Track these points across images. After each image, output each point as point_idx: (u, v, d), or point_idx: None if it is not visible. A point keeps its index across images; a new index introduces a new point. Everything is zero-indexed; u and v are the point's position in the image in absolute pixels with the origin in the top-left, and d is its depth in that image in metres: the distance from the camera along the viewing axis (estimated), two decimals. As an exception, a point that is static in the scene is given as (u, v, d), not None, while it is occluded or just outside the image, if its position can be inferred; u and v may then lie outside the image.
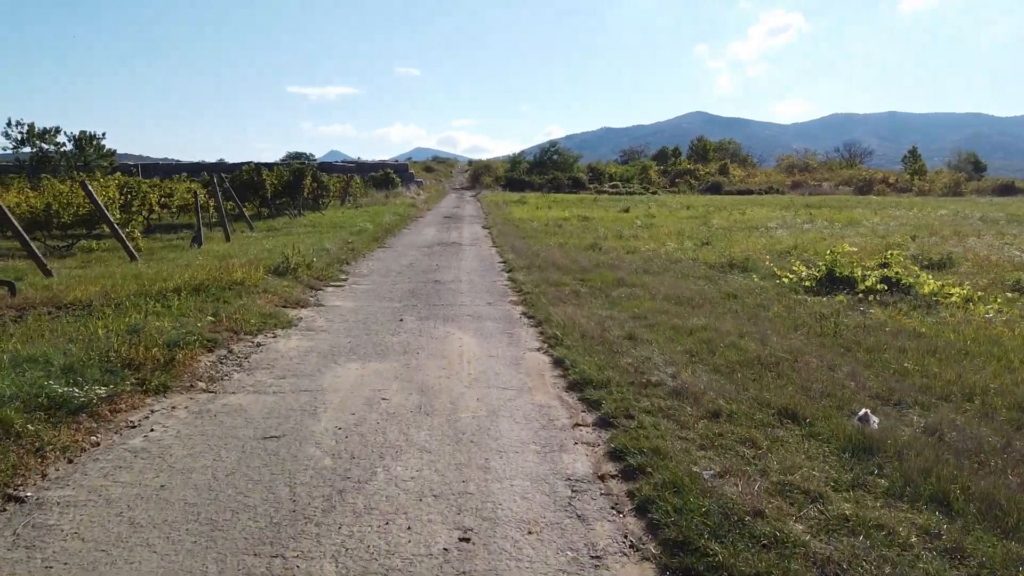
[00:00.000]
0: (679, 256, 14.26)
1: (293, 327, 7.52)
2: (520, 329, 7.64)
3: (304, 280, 10.35)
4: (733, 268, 12.51)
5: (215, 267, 10.11)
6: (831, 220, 23.70)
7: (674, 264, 13.13)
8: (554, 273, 11.62)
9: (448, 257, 14.74)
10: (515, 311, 8.77)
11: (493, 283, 11.09)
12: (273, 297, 8.86)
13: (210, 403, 4.84)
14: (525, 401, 5.05)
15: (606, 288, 10.09)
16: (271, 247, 15.37)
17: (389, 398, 5.02)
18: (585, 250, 15.64)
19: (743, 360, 6.00)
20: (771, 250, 15.12)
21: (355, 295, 9.79)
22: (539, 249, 15.34)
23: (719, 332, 7.06)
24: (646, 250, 15.36)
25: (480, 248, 16.77)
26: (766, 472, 3.72)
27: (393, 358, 6.22)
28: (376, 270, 12.64)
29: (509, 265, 13.06)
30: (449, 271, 12.45)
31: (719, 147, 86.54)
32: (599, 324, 7.46)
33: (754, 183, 64.69)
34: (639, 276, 11.27)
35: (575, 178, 60.93)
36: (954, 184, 59.96)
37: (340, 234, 18.33)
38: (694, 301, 9.07)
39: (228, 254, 14.42)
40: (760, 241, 16.85)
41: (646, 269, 12.35)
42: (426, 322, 7.91)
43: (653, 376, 5.41)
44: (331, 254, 13.77)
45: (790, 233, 18.86)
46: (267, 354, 6.29)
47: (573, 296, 9.47)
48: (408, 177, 51.59)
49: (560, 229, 21.00)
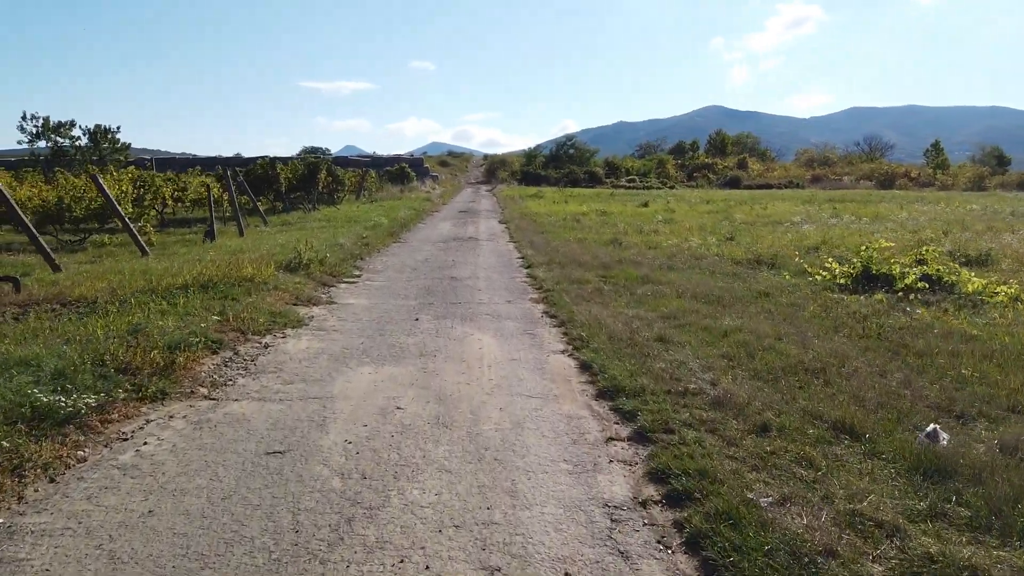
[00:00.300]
0: (703, 252, 13.77)
1: (304, 326, 7.14)
2: (542, 329, 7.22)
3: (317, 276, 9.99)
4: (761, 265, 12.01)
5: (225, 263, 9.77)
6: (857, 215, 23.06)
7: (699, 260, 12.64)
8: (575, 269, 11.19)
9: (465, 253, 14.34)
10: (536, 310, 8.34)
11: (512, 280, 10.68)
12: (284, 294, 8.49)
13: (211, 412, 4.45)
14: (552, 411, 4.62)
15: (630, 285, 9.65)
16: (284, 242, 15.05)
17: (404, 407, 4.62)
18: (605, 245, 15.19)
19: (785, 365, 5.55)
20: (799, 246, 14.59)
21: (369, 292, 9.41)
22: (558, 244, 14.91)
23: (755, 334, 6.60)
24: (668, 246, 14.87)
25: (497, 243, 16.36)
26: (830, 499, 3.28)
27: (409, 361, 5.81)
28: (391, 266, 12.26)
29: (528, 261, 12.64)
30: (466, 267, 12.04)
31: (737, 141, 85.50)
32: (626, 324, 7.02)
33: (773, 177, 63.77)
34: (664, 273, 10.81)
35: (591, 172, 60.34)
36: (978, 178, 58.73)
37: (354, 229, 18.00)
38: (724, 300, 8.60)
39: (240, 249, 14.13)
40: (786, 237, 16.30)
41: (670, 266, 11.88)
42: (443, 321, 7.50)
43: (691, 383, 4.97)
44: (345, 249, 13.42)
45: (816, 228, 18.28)
46: (275, 356, 5.91)
47: (596, 294, 9.03)
48: (423, 171, 51.26)
49: (578, 224, 20.54)
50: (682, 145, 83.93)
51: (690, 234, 17.35)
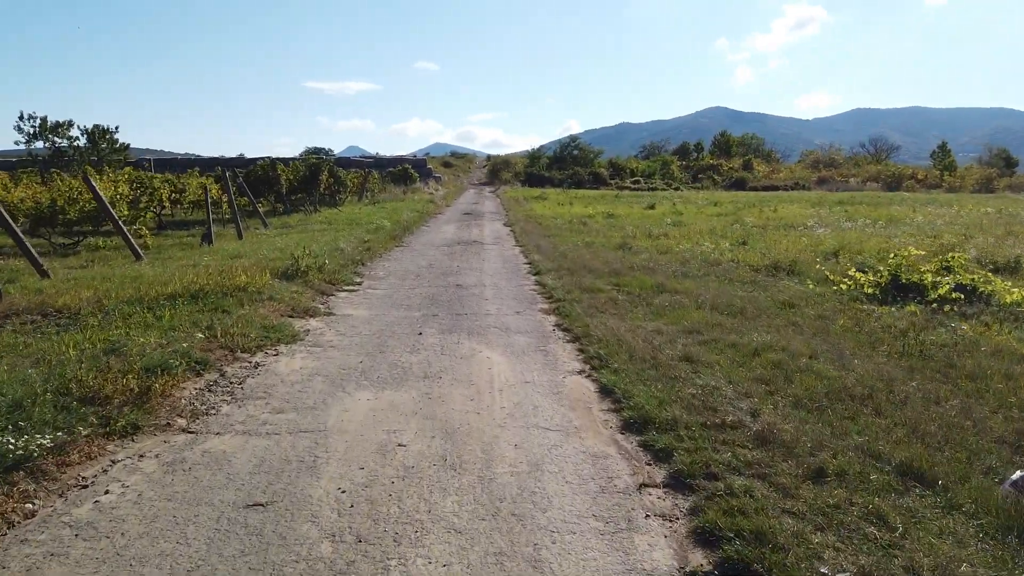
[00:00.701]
0: (716, 257, 13.23)
1: (298, 342, 6.61)
2: (555, 345, 6.68)
3: (315, 284, 9.46)
4: (779, 271, 11.47)
5: (217, 271, 9.26)
6: (870, 218, 22.49)
7: (714, 267, 12.11)
8: (585, 276, 10.66)
9: (469, 257, 13.81)
10: (547, 322, 7.81)
11: (520, 288, 10.15)
12: (279, 305, 7.96)
13: (187, 449, 3.92)
14: (574, 448, 4.08)
15: (646, 295, 9.11)
16: (282, 246, 14.54)
17: (407, 444, 4.08)
18: (615, 250, 14.66)
19: (828, 391, 5.01)
20: (816, 251, 14.05)
21: (370, 302, 8.88)
22: (566, 249, 14.38)
23: (788, 352, 6.06)
24: (680, 250, 14.33)
25: (503, 247, 15.83)
26: (916, 572, 2.74)
27: (411, 384, 5.28)
28: (393, 272, 11.74)
29: (535, 267, 12.11)
30: (471, 274, 11.52)
31: (741, 142, 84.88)
32: (647, 341, 6.49)
33: (779, 179, 63.18)
34: (679, 281, 10.27)
35: (596, 174, 59.78)
36: (986, 180, 58.10)
37: (356, 232, 17.49)
38: (747, 312, 8.07)
39: (237, 253, 13.63)
40: (801, 241, 15.75)
41: (685, 272, 11.34)
42: (448, 336, 6.97)
43: (728, 414, 4.43)
44: (345, 254, 12.90)
45: (832, 232, 17.72)
46: (265, 378, 5.38)
47: (611, 304, 8.49)
48: (426, 172, 50.76)
49: (585, 227, 20.01)
50: (686, 146, 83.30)
51: (701, 238, 16.81)
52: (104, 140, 34.44)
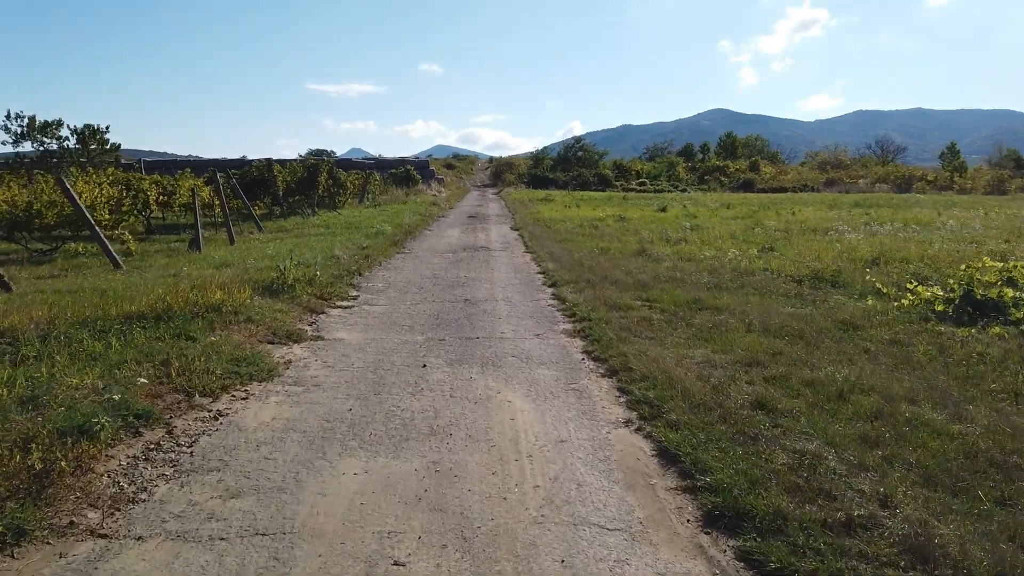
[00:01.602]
0: (747, 266, 12.04)
1: (276, 378, 5.40)
2: (589, 381, 5.49)
3: (303, 301, 8.24)
4: (822, 283, 10.27)
5: (191, 285, 8.05)
6: (896, 221, 21.27)
7: (747, 277, 10.92)
8: (608, 288, 9.47)
9: (477, 266, 12.62)
10: (573, 348, 6.61)
11: (537, 303, 8.95)
12: (257, 328, 6.76)
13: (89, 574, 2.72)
14: (645, 565, 2.88)
15: (683, 312, 7.92)
16: (274, 253, 13.37)
17: (407, 562, 2.82)
18: (633, 257, 13.48)
19: (958, 456, 3.82)
20: (851, 258, 12.87)
21: (366, 322, 7.68)
22: (581, 256, 13.19)
23: (881, 395, 4.87)
24: (706, 258, 13.14)
25: (512, 254, 14.64)
26: None
27: (414, 447, 4.07)
28: (393, 283, 10.55)
29: (551, 277, 10.92)
30: (480, 286, 10.32)
31: (746, 143, 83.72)
32: (701, 377, 5.29)
33: (787, 181, 61.96)
34: (715, 295, 9.09)
35: (601, 175, 58.58)
36: (998, 182, 56.83)
37: (355, 237, 16.31)
38: (806, 335, 6.87)
39: (224, 262, 12.48)
40: (833, 247, 14.55)
41: (718, 284, 10.16)
42: (458, 369, 5.77)
43: (849, 501, 3.22)
44: (341, 263, 11.71)
45: (863, 237, 16.50)
46: (224, 436, 4.17)
47: (645, 325, 7.29)
48: (429, 174, 49.59)
49: (597, 231, 18.83)
50: (690, 148, 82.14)
51: (723, 244, 15.63)
52: (94, 140, 33.09)
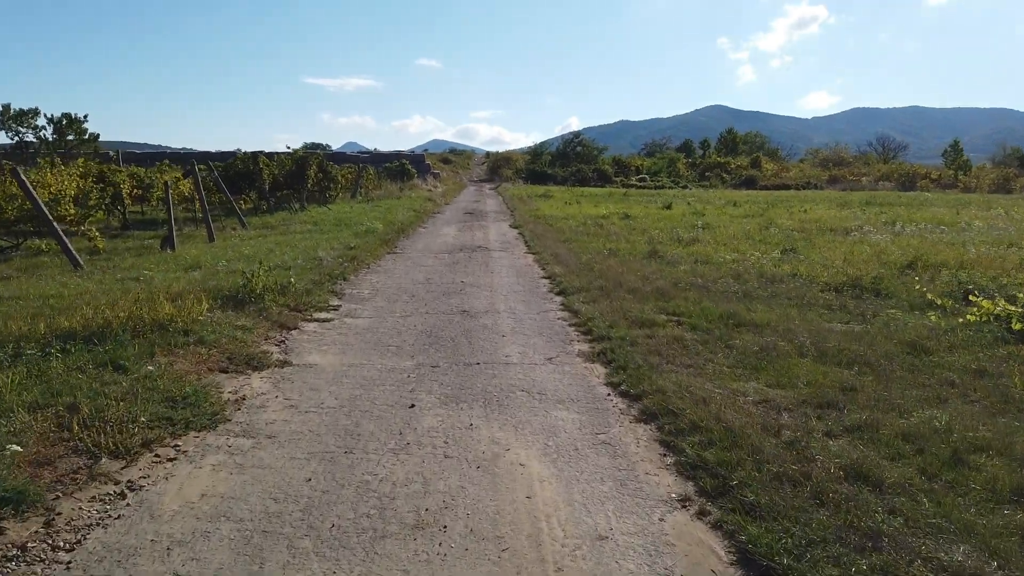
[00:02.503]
0: (772, 270, 10.94)
1: (220, 426, 4.21)
2: (622, 429, 4.34)
3: (273, 314, 7.06)
4: (863, 292, 9.17)
5: (136, 297, 6.87)
6: (916, 221, 20.19)
7: (776, 284, 9.82)
8: (625, 298, 8.35)
9: (475, 269, 11.47)
10: (595, 378, 5.47)
11: (544, 316, 7.81)
12: (209, 352, 5.59)
13: None
14: None
15: (717, 330, 6.79)
16: (251, 253, 12.22)
17: None
18: (645, 260, 12.36)
19: None
20: (885, 262, 11.79)
21: (345, 340, 6.52)
22: (590, 259, 12.05)
23: (1006, 456, 3.75)
24: (724, 261, 12.03)
25: (513, 255, 13.49)
26: None
27: (392, 554, 2.85)
28: (382, 290, 9.39)
29: (558, 283, 9.79)
30: (479, 293, 9.18)
31: (746, 140, 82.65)
32: (766, 426, 4.16)
33: (789, 177, 60.86)
34: (748, 306, 7.98)
35: (600, 171, 57.37)
36: (1003, 180, 55.85)
37: (343, 235, 15.15)
38: (871, 361, 5.76)
39: (196, 263, 11.34)
40: (861, 250, 13.45)
41: (746, 292, 9.05)
42: (455, 411, 4.61)
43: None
44: (324, 266, 10.54)
45: (889, 239, 15.40)
46: (124, 531, 2.96)
47: (677, 347, 6.16)
48: (424, 168, 48.30)
49: (602, 230, 17.68)
50: (689, 144, 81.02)
51: (739, 245, 14.52)
52: (72, 130, 31.59)
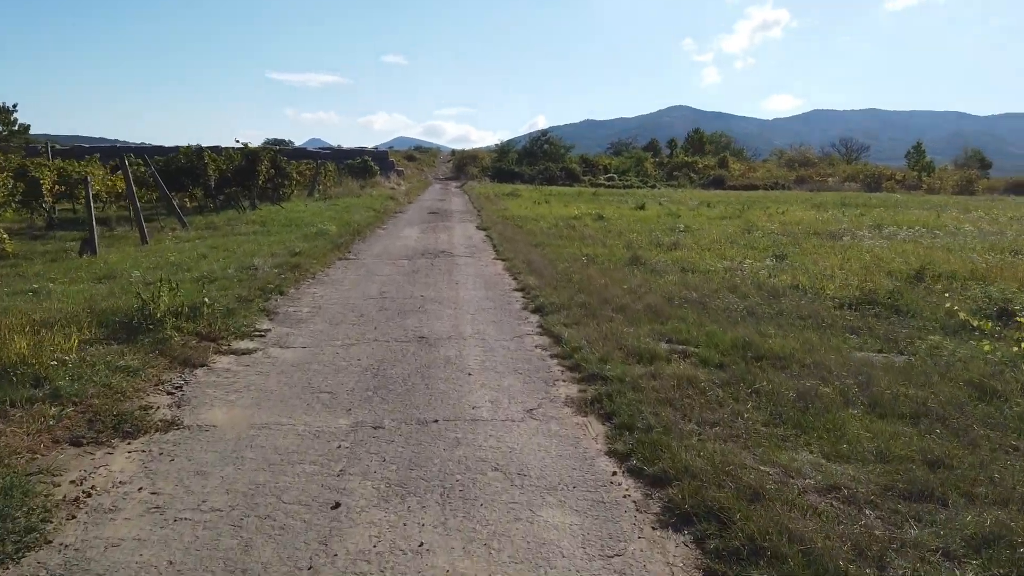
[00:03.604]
0: (771, 282, 9.76)
1: (26, 556, 2.76)
2: (645, 547, 2.96)
3: (175, 346, 5.51)
4: (881, 308, 8.01)
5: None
6: (898, 224, 19.30)
7: (779, 298, 8.64)
8: (614, 319, 7.03)
9: (438, 279, 10.03)
10: (593, 443, 4.10)
11: (520, 343, 6.41)
12: (62, 412, 4.07)
13: None
14: None
15: (733, 364, 5.48)
16: (178, 259, 10.64)
17: None
18: (627, 267, 11.10)
19: None
20: (888, 271, 10.74)
21: (263, 385, 5.02)
22: (567, 267, 10.71)
23: None
24: (713, 269, 10.84)
25: (481, 261, 12.09)
26: None
27: None
28: (325, 307, 7.90)
29: (533, 298, 8.42)
30: (442, 312, 7.75)
31: (712, 140, 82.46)
32: (859, 543, 2.86)
33: (756, 178, 60.53)
34: (760, 328, 6.72)
35: (568, 169, 56.17)
36: (966, 182, 56.31)
37: (290, 238, 13.57)
38: (935, 411, 4.51)
39: (113, 271, 9.76)
40: (859, 257, 12.37)
41: (750, 310, 7.82)
42: (398, 515, 3.12)
43: None
44: (259, 277, 9.00)
45: (883, 244, 14.37)
46: None
47: (692, 393, 4.82)
48: (388, 165, 46.49)
49: (575, 232, 16.37)
50: (655, 143, 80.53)
51: (725, 250, 13.36)
52: (1, 121, 29.04)
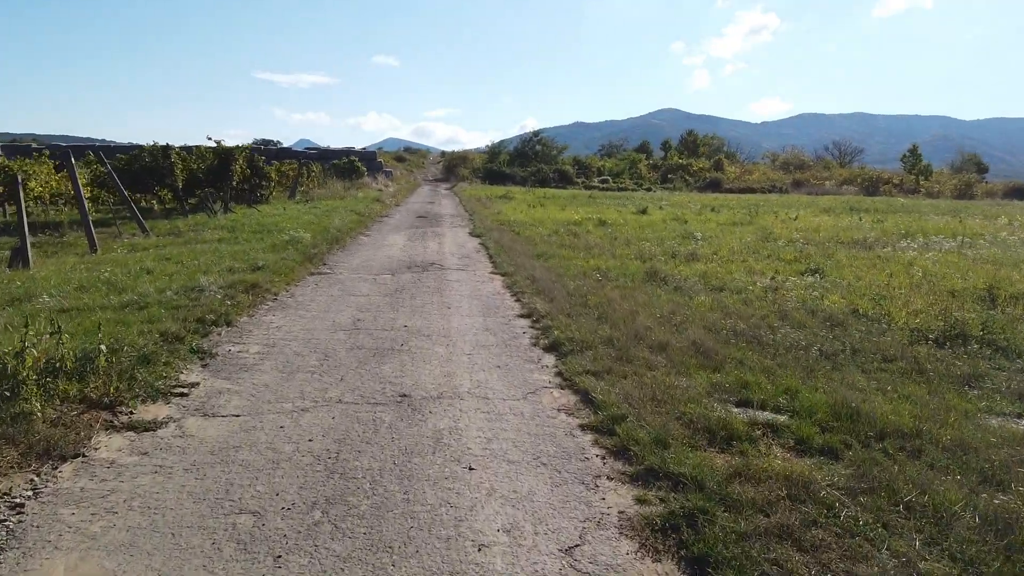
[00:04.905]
0: (823, 305, 8.18)
1: None
2: None
3: (37, 425, 3.77)
4: (976, 344, 6.43)
5: None
6: (928, 233, 17.83)
7: (841, 328, 7.07)
8: (655, 364, 5.39)
9: (426, 302, 8.32)
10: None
11: (537, 408, 4.70)
12: None
13: None
14: None
15: (848, 449, 3.87)
16: (112, 277, 8.91)
17: None
18: (646, 283, 9.50)
19: None
20: (950, 291, 9.21)
21: (155, 498, 3.25)
22: (579, 286, 9.04)
23: None
24: (749, 288, 9.24)
25: (476, 276, 10.40)
26: None
27: None
28: (278, 346, 6.17)
29: (544, 329, 6.76)
30: (430, 352, 6.04)
31: (705, 142, 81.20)
32: None
33: (753, 181, 59.19)
34: (851, 379, 5.11)
35: (562, 171, 54.54)
36: (965, 186, 55.23)
37: (255, 247, 11.82)
38: None
39: (32, 291, 8.03)
40: (905, 271, 10.84)
41: (824, 351, 6.20)
42: None
43: None
44: (200, 303, 7.26)
45: (930, 256, 12.82)
46: None
47: (827, 523, 3.18)
48: (376, 166, 44.68)
49: (579, 240, 14.74)
50: (646, 145, 79.15)
51: (748, 262, 11.79)
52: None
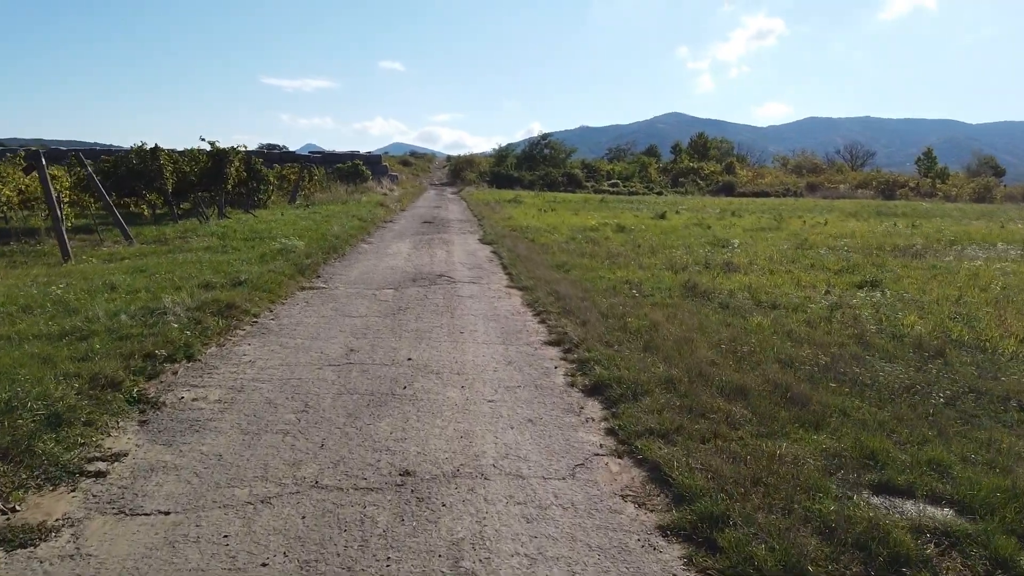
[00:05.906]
0: (906, 329, 6.84)
1: None
2: None
3: None
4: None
5: None
6: (974, 240, 16.49)
7: (938, 359, 5.73)
8: (733, 413, 4.04)
9: (434, 325, 6.96)
10: None
11: (593, 496, 3.33)
12: None
13: None
14: None
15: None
16: (64, 295, 7.58)
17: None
18: (686, 299, 8.17)
19: None
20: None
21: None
22: (613, 304, 7.68)
23: None
24: (808, 306, 7.90)
25: (490, 291, 9.04)
26: None
27: None
28: (246, 390, 4.82)
29: (581, 363, 5.42)
30: (441, 398, 4.67)
31: (714, 146, 79.83)
32: None
33: (766, 184, 57.74)
34: (1008, 444, 3.74)
35: (570, 175, 53.17)
36: (983, 190, 53.79)
37: (242, 258, 10.50)
38: None
39: None
40: (975, 284, 9.53)
41: (950, 400, 4.84)
42: None
43: None
44: (162, 327, 5.94)
45: (1003, 268, 11.47)
46: None
47: None
48: (381, 170, 43.43)
49: (599, 248, 13.40)
50: (654, 149, 77.83)
51: (791, 272, 10.47)
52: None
